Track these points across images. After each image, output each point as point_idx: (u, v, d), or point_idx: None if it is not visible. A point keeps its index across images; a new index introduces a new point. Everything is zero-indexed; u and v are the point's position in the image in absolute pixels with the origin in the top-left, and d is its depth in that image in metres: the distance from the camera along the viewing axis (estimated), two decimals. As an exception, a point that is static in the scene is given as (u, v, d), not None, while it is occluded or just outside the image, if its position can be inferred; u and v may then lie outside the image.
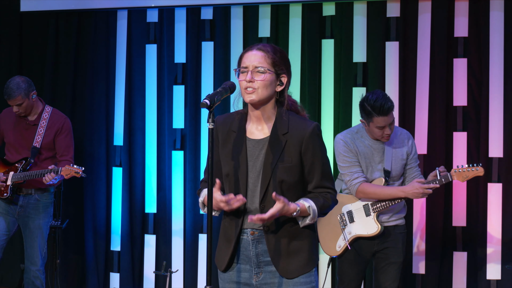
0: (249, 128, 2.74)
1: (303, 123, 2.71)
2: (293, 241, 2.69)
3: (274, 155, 2.66)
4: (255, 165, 2.69)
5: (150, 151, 5.75)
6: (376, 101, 3.98)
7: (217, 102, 2.58)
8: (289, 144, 2.67)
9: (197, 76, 5.64)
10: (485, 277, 5.05)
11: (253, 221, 2.58)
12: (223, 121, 2.78)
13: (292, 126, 2.69)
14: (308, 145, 2.67)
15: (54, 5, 5.84)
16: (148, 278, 5.73)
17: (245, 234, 2.71)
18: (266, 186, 2.65)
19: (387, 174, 4.14)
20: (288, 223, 2.68)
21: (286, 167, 2.66)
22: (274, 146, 2.67)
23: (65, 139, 4.90)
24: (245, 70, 2.67)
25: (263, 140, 2.70)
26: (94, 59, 5.86)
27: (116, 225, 5.80)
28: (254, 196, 2.68)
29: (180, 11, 5.68)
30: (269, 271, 2.71)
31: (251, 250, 2.71)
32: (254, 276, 2.72)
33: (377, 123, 4.01)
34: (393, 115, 4.05)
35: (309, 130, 2.68)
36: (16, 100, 4.75)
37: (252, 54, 2.68)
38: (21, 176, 4.77)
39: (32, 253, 4.83)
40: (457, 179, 4.14)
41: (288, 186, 2.67)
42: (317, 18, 5.39)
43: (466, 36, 5.13)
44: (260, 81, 2.64)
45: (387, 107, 3.98)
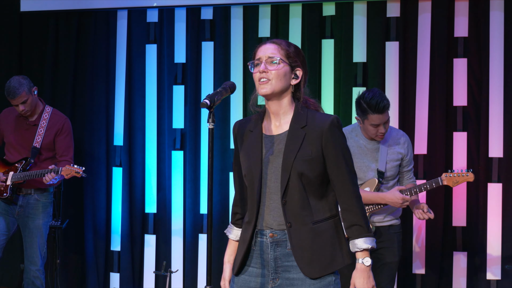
0: (266, 125, 2.71)
1: (321, 115, 2.66)
2: (317, 238, 2.61)
3: (293, 149, 2.60)
4: (273, 161, 2.63)
5: (150, 151, 5.75)
6: (372, 99, 3.99)
7: (217, 102, 2.57)
8: (308, 137, 2.61)
9: (197, 76, 5.64)
10: (485, 277, 5.05)
11: None
12: (241, 124, 2.76)
13: (310, 119, 2.64)
14: (328, 137, 2.61)
15: (54, 5, 5.84)
16: (148, 278, 5.73)
17: (264, 236, 2.64)
18: (286, 180, 2.59)
19: (381, 175, 4.13)
20: (311, 219, 2.60)
21: (306, 160, 2.59)
22: (293, 139, 2.62)
23: (65, 139, 4.90)
24: (258, 62, 2.65)
25: (280, 135, 2.66)
26: (94, 59, 5.86)
27: (116, 225, 5.80)
28: (271, 193, 2.62)
29: (180, 11, 5.68)
30: (286, 278, 2.63)
31: (269, 254, 2.63)
32: (271, 281, 2.64)
33: (372, 121, 4.02)
34: (388, 114, 4.05)
35: (328, 122, 2.62)
36: (21, 97, 4.75)
37: (265, 46, 2.67)
38: (21, 176, 4.77)
39: (31, 253, 4.83)
40: (447, 183, 4.14)
41: (309, 180, 2.59)
42: (317, 18, 5.39)
43: (466, 36, 5.13)
44: (274, 70, 2.62)
45: (382, 105, 3.98)
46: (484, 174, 5.07)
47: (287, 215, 2.60)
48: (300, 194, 2.59)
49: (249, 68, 2.69)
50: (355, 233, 2.61)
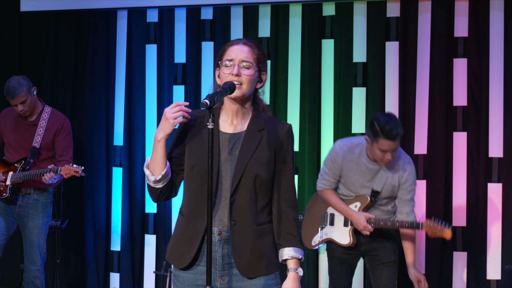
0: (222, 122, 2.71)
1: (279, 122, 2.74)
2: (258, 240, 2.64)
3: (249, 149, 2.64)
4: (227, 159, 2.65)
5: (150, 151, 5.72)
6: (386, 123, 3.91)
7: (217, 102, 2.56)
8: (264, 140, 2.66)
9: (197, 76, 5.64)
10: (485, 277, 5.05)
11: None
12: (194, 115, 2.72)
13: (267, 123, 2.69)
14: (283, 143, 2.68)
15: (54, 5, 5.84)
16: (148, 278, 5.73)
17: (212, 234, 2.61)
18: (238, 179, 2.62)
19: (375, 195, 4.11)
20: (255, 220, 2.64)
21: (261, 162, 2.63)
22: (250, 140, 2.65)
23: (65, 139, 4.91)
24: (230, 63, 2.64)
25: (237, 135, 2.68)
26: (94, 59, 5.86)
27: (116, 225, 5.80)
28: (223, 190, 2.64)
29: (180, 11, 5.68)
30: (234, 274, 2.64)
31: (216, 251, 2.65)
32: (218, 278, 2.65)
33: (381, 146, 3.95)
34: (398, 143, 3.98)
35: (285, 129, 2.70)
36: (20, 97, 4.75)
37: (239, 48, 2.65)
38: (20, 176, 4.77)
39: (31, 253, 4.83)
40: (426, 230, 4.11)
41: (262, 182, 2.63)
42: (317, 18, 5.39)
43: (466, 36, 5.13)
44: (247, 76, 2.63)
45: (395, 132, 3.91)
46: (484, 174, 5.07)
47: (233, 213, 2.63)
48: (250, 195, 2.63)
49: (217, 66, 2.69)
50: (289, 241, 2.65)
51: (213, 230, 2.65)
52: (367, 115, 5.26)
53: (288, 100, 5.45)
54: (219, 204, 2.65)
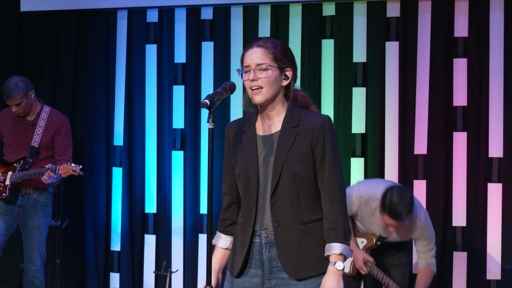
0: (259, 126, 2.70)
1: (313, 115, 2.67)
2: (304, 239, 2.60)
3: (284, 148, 2.61)
4: (266, 161, 2.63)
5: (150, 151, 5.75)
6: (396, 204, 3.88)
7: (217, 102, 2.57)
8: (300, 136, 2.62)
9: (197, 76, 5.64)
10: (485, 277, 5.05)
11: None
12: (233, 125, 2.76)
13: (302, 119, 2.65)
14: (318, 136, 2.61)
15: (54, 5, 5.84)
16: (148, 278, 5.73)
17: (258, 237, 2.64)
18: (277, 179, 2.59)
19: (381, 239, 4.18)
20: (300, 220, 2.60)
21: (298, 159, 2.59)
22: (285, 139, 2.63)
23: (64, 139, 4.90)
24: (247, 69, 2.64)
25: (273, 135, 2.66)
26: (94, 59, 5.86)
27: (116, 225, 5.80)
28: (266, 193, 2.62)
29: (180, 11, 5.68)
30: (281, 278, 2.62)
31: (264, 254, 2.64)
32: (266, 281, 2.64)
33: (385, 220, 3.97)
34: (404, 223, 3.95)
35: (319, 121, 2.62)
36: (15, 99, 4.75)
37: (253, 52, 2.64)
38: (19, 175, 4.77)
39: (31, 253, 4.83)
40: None
41: (301, 179, 2.59)
42: (317, 18, 5.39)
43: (466, 36, 5.13)
44: (264, 78, 2.61)
45: (399, 216, 3.89)
46: (484, 174, 5.06)
47: (275, 215, 2.61)
48: (291, 194, 2.60)
49: (239, 75, 2.68)
50: (331, 236, 2.59)
51: (259, 233, 2.64)
52: (367, 115, 5.26)
53: (288, 100, 5.44)
54: (263, 208, 2.63)
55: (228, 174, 2.76)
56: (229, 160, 2.75)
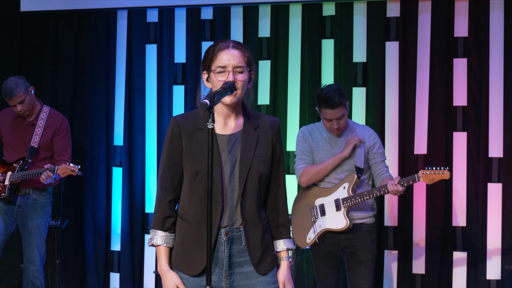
0: (217, 124, 2.69)
1: (268, 118, 2.79)
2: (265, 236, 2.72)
3: (249, 149, 2.67)
4: (227, 160, 2.66)
5: (150, 151, 5.75)
6: (326, 93, 4.08)
7: (217, 102, 2.57)
8: (261, 138, 2.71)
9: (197, 76, 5.64)
10: (485, 277, 5.05)
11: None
12: (185, 119, 2.72)
13: (260, 121, 2.74)
14: (277, 138, 2.76)
15: (54, 5, 5.84)
16: (148, 278, 5.73)
17: (219, 235, 2.66)
18: (244, 180, 2.65)
19: (360, 171, 4.20)
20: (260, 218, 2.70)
21: (262, 160, 2.69)
22: (248, 140, 2.69)
23: (63, 139, 4.91)
24: (223, 70, 2.64)
25: (234, 135, 2.69)
26: (94, 59, 5.86)
27: (116, 225, 5.80)
28: (229, 192, 2.65)
29: (180, 11, 5.68)
30: (239, 273, 2.68)
31: (223, 252, 2.66)
32: (224, 278, 2.67)
33: (324, 115, 4.13)
34: (342, 110, 4.09)
35: (277, 124, 2.78)
36: (18, 97, 4.75)
37: (230, 53, 2.64)
38: (19, 176, 4.77)
39: (30, 253, 4.83)
40: (424, 180, 4.13)
41: (264, 179, 2.71)
42: (317, 18, 5.39)
43: (466, 36, 5.13)
44: (241, 81, 2.65)
45: (334, 101, 4.05)
46: (484, 174, 5.06)
47: (243, 213, 2.66)
48: (256, 193, 2.68)
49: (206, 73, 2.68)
50: (284, 233, 2.79)
51: (221, 231, 2.66)
52: (367, 115, 5.26)
53: (288, 100, 5.45)
54: (226, 206, 2.65)
55: (173, 168, 2.71)
56: (177, 155, 2.70)
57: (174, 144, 2.70)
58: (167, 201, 2.72)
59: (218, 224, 2.65)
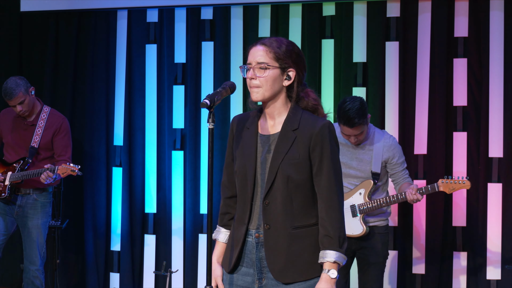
0: (262, 124, 2.69)
1: (315, 119, 2.64)
2: (294, 244, 2.59)
3: (282, 151, 2.60)
4: (264, 161, 2.62)
5: (150, 151, 5.74)
6: (347, 111, 4.00)
7: (217, 102, 2.57)
8: (298, 140, 2.59)
9: (197, 76, 5.64)
10: (485, 277, 5.05)
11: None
12: (239, 120, 2.75)
13: (303, 122, 2.62)
14: (317, 141, 2.58)
15: (54, 5, 5.84)
16: (148, 278, 5.73)
17: (250, 236, 2.64)
18: (271, 181, 2.58)
19: (376, 177, 4.18)
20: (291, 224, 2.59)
21: (294, 163, 2.58)
22: (283, 141, 2.61)
23: (63, 139, 4.91)
24: (249, 66, 2.64)
25: (273, 136, 2.65)
26: (94, 59, 5.86)
27: (116, 225, 5.80)
28: (259, 193, 2.62)
29: (180, 11, 5.68)
30: (271, 278, 2.62)
31: (254, 254, 2.64)
32: (257, 281, 2.64)
33: (342, 130, 4.10)
34: (361, 128, 4.05)
35: (319, 126, 2.59)
36: (18, 97, 4.75)
37: (255, 49, 2.65)
38: (19, 176, 4.78)
39: (31, 253, 4.83)
40: (443, 190, 4.14)
41: (296, 184, 2.58)
42: (317, 18, 5.39)
43: (466, 36, 5.13)
44: (262, 77, 2.60)
45: (353, 122, 4.00)
46: (484, 174, 5.06)
47: (266, 217, 2.61)
48: (284, 197, 2.58)
49: (241, 72, 2.67)
50: (326, 244, 2.57)
51: (252, 232, 2.64)
52: (367, 115, 5.26)
53: (288, 100, 5.44)
54: (257, 208, 2.63)
55: (229, 166, 2.76)
56: (231, 153, 2.74)
57: (230, 142, 2.76)
58: (224, 198, 2.80)
59: (247, 224, 2.63)
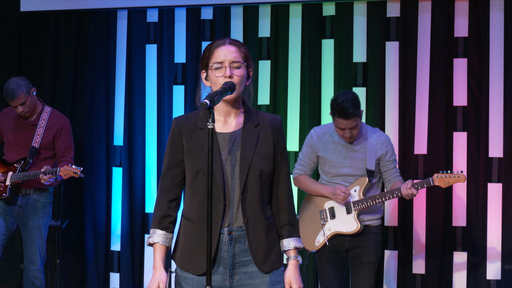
0: (217, 123, 2.70)
1: (269, 115, 2.79)
2: (269, 234, 2.70)
3: (250, 146, 2.67)
4: (228, 159, 2.67)
5: (150, 151, 5.75)
6: (341, 103, 4.07)
7: (217, 102, 2.57)
8: (262, 135, 2.71)
9: (197, 76, 5.63)
10: (485, 277, 5.05)
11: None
12: (185, 121, 2.74)
13: (261, 118, 2.74)
14: (279, 135, 2.75)
15: (54, 5, 5.84)
16: (148, 278, 5.72)
17: (222, 235, 2.67)
18: (245, 177, 2.65)
19: (371, 174, 4.20)
20: (264, 215, 2.69)
21: (264, 157, 2.69)
22: (249, 137, 2.69)
23: (65, 140, 4.91)
24: (220, 65, 2.65)
25: (234, 133, 2.70)
26: (94, 59, 5.86)
27: (116, 225, 5.80)
28: (231, 190, 2.66)
29: (180, 11, 5.68)
30: (244, 272, 2.68)
31: (227, 251, 2.66)
32: (229, 278, 2.67)
33: (337, 123, 4.14)
34: (356, 121, 4.09)
35: (278, 122, 2.76)
36: (20, 98, 4.75)
37: (226, 49, 2.67)
38: (20, 176, 4.78)
39: (31, 253, 4.84)
40: (439, 184, 4.16)
41: (266, 176, 2.70)
42: (317, 18, 5.39)
43: (466, 36, 5.13)
44: (238, 76, 2.65)
45: (348, 112, 4.05)
46: (484, 174, 5.06)
47: (245, 211, 2.66)
48: (258, 191, 2.67)
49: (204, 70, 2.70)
50: (289, 232, 2.76)
51: (223, 230, 2.67)
52: (367, 115, 5.26)
53: (288, 100, 5.45)
54: (228, 205, 2.66)
55: (175, 168, 2.74)
56: (177, 156, 2.73)
57: (175, 144, 2.73)
58: (166, 201, 2.76)
59: (220, 223, 2.66)
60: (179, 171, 2.74)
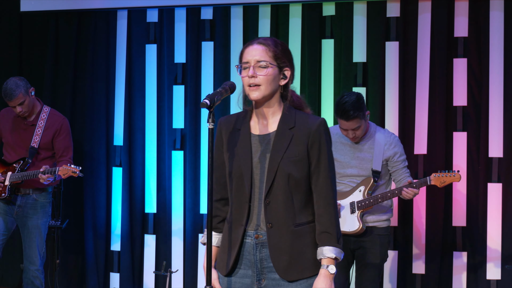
0: (254, 125, 2.69)
1: (310, 117, 2.67)
2: (297, 241, 2.60)
3: (280, 149, 2.60)
4: (261, 161, 2.62)
5: (150, 151, 5.74)
6: (343, 104, 4.06)
7: (217, 102, 2.57)
8: (296, 138, 2.61)
9: (197, 76, 5.64)
10: (485, 277, 5.05)
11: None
12: (227, 121, 2.73)
13: (299, 120, 2.64)
14: (314, 139, 2.61)
15: (54, 5, 5.84)
16: (148, 278, 5.73)
17: (249, 237, 2.63)
18: (271, 180, 2.58)
19: (376, 175, 4.19)
20: (293, 221, 2.60)
21: (293, 161, 2.59)
22: (281, 140, 2.61)
23: (64, 140, 4.91)
24: (246, 65, 2.62)
25: (268, 135, 2.65)
26: (94, 59, 5.86)
27: (116, 225, 5.80)
28: (258, 193, 2.62)
29: (180, 11, 5.68)
30: (272, 278, 2.62)
31: (254, 255, 2.63)
32: (256, 282, 2.63)
33: (340, 124, 4.16)
34: (358, 122, 4.08)
35: (316, 124, 2.63)
36: (18, 98, 4.75)
37: (253, 48, 2.63)
38: (19, 176, 4.78)
39: (30, 253, 4.83)
40: (435, 183, 4.16)
41: (296, 181, 2.59)
42: (317, 18, 5.39)
43: (466, 36, 5.13)
44: (263, 76, 2.59)
45: (348, 114, 4.04)
46: (484, 174, 5.06)
47: (268, 216, 2.60)
48: (285, 195, 2.59)
49: (237, 71, 2.67)
50: (324, 240, 2.60)
51: (250, 233, 2.63)
52: (367, 115, 5.27)
53: (288, 100, 5.44)
54: (255, 208, 2.62)
55: (218, 170, 2.73)
56: (220, 156, 2.72)
57: (218, 144, 2.73)
58: (214, 201, 2.74)
59: (244, 226, 2.62)
60: (223, 172, 2.71)
